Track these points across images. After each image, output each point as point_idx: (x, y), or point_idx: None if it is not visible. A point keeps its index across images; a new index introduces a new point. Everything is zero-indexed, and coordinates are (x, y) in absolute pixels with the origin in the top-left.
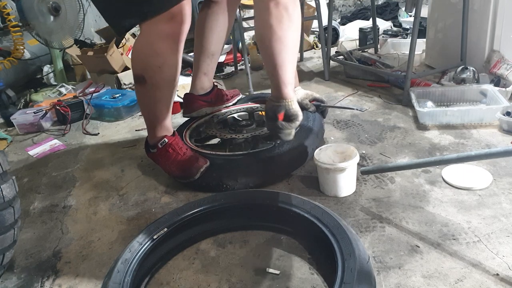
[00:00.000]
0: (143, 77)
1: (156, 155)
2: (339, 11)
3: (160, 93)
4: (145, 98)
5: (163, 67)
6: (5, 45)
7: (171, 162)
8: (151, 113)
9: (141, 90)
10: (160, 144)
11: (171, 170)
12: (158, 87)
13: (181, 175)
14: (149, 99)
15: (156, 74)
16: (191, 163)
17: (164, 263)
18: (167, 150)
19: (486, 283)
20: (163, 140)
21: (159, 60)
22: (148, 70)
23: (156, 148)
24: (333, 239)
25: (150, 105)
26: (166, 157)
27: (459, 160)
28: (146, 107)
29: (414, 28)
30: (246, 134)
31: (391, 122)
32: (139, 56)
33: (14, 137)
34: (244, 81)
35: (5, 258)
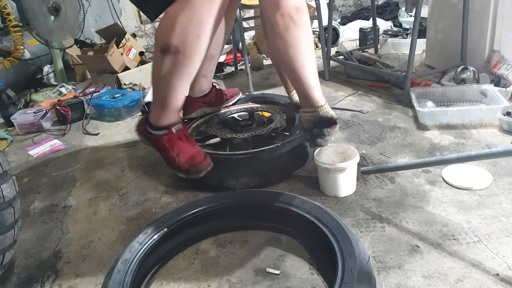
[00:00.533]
0: (175, 47)
1: (164, 139)
2: (339, 11)
3: (190, 66)
4: (171, 71)
5: (202, 37)
6: (5, 45)
7: (182, 152)
8: (171, 89)
9: (169, 62)
10: (174, 129)
11: (179, 160)
12: (190, 59)
13: (187, 168)
14: (176, 73)
15: (193, 45)
16: (201, 159)
17: (164, 263)
18: (180, 138)
19: (486, 283)
20: (179, 125)
21: (200, 28)
22: (186, 40)
23: (168, 131)
24: (333, 239)
25: (173, 80)
26: (176, 144)
27: (459, 160)
28: (168, 82)
29: (414, 28)
30: (247, 134)
31: (391, 122)
32: (176, 23)
33: (14, 137)
34: (244, 81)
35: (5, 258)
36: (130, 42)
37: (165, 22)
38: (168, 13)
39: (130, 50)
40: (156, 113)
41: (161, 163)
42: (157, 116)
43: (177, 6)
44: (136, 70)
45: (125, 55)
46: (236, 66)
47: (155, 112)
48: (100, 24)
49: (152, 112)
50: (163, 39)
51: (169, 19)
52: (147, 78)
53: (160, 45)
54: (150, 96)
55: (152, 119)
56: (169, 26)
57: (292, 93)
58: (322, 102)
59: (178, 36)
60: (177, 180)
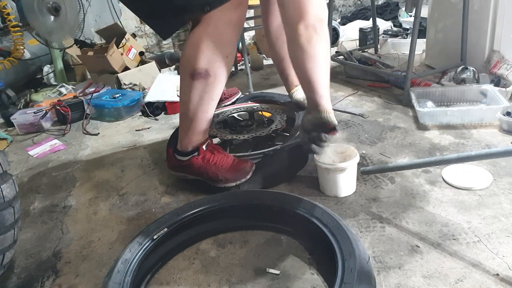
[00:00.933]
0: (206, 70)
1: (197, 160)
2: (339, 11)
3: (220, 88)
4: (202, 95)
5: (230, 57)
6: (5, 45)
7: (220, 164)
8: (202, 112)
9: (200, 86)
10: (204, 147)
11: (220, 171)
12: (220, 80)
13: (233, 176)
14: (208, 95)
15: (222, 66)
16: (242, 164)
17: (164, 263)
18: (213, 152)
19: (486, 283)
20: (208, 142)
21: (227, 49)
22: (215, 62)
23: (199, 152)
24: (333, 239)
25: (204, 104)
26: (212, 159)
27: (459, 160)
28: (199, 107)
29: (414, 28)
30: (247, 135)
31: (391, 122)
32: (204, 48)
33: (14, 137)
34: (244, 81)
35: (5, 258)
36: (130, 42)
37: (192, 47)
38: (193, 38)
39: (130, 50)
40: (185, 139)
41: (161, 163)
42: (187, 141)
43: (202, 30)
44: (136, 70)
45: (125, 55)
46: (236, 66)
47: (185, 139)
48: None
49: (182, 140)
50: (192, 64)
51: (195, 44)
52: (147, 78)
53: (189, 70)
54: (150, 96)
55: (181, 147)
56: (196, 50)
57: (292, 91)
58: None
59: (207, 59)
60: (177, 180)
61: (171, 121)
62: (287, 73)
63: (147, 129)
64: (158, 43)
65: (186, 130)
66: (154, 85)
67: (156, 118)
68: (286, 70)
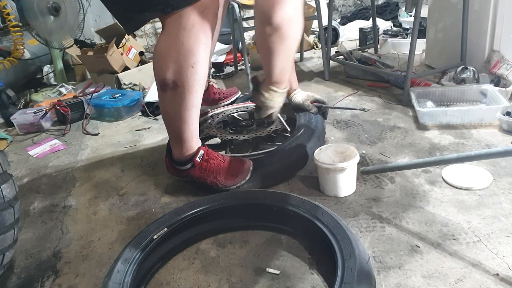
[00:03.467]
0: (173, 82)
1: (194, 171)
2: (339, 11)
3: (193, 97)
4: (175, 106)
5: (196, 66)
6: (5, 45)
7: (217, 172)
8: (182, 123)
9: (171, 98)
10: (198, 158)
11: (218, 180)
12: (191, 91)
13: (232, 181)
14: (181, 107)
15: (189, 76)
16: (239, 166)
17: (164, 263)
18: (208, 161)
19: (486, 283)
20: (200, 153)
21: (192, 58)
22: (181, 72)
23: (193, 163)
24: (333, 239)
25: (181, 114)
26: (208, 168)
27: (459, 160)
28: (177, 117)
29: (414, 28)
30: (247, 135)
31: (391, 122)
32: (168, 57)
33: (14, 137)
34: (244, 81)
35: (5, 258)
36: (130, 42)
37: (157, 58)
38: (157, 49)
39: (130, 50)
40: (176, 149)
41: (161, 163)
42: (178, 151)
43: (164, 40)
44: (136, 70)
45: (125, 55)
46: (236, 66)
47: (175, 149)
48: (100, 24)
49: (174, 151)
50: (160, 75)
51: (160, 54)
52: (147, 78)
53: (159, 81)
54: (150, 96)
55: (175, 156)
56: (161, 61)
57: (291, 96)
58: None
59: (172, 70)
60: (177, 180)
61: None
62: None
63: (147, 129)
64: None
65: (174, 141)
66: (154, 85)
67: (156, 118)
68: None
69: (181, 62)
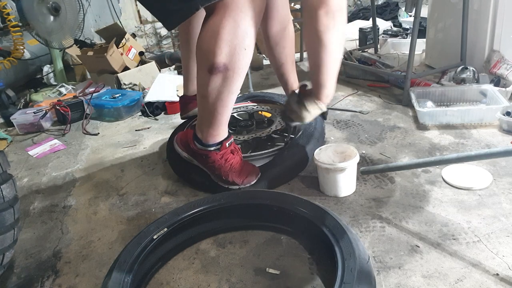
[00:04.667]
0: (224, 65)
1: (217, 154)
2: None
3: (240, 81)
4: (220, 89)
5: (248, 49)
6: (5, 45)
7: (234, 166)
8: (222, 107)
9: (219, 81)
10: (228, 144)
11: (231, 175)
12: (240, 74)
13: (240, 181)
14: (227, 90)
15: (241, 59)
16: (250, 168)
17: (164, 263)
18: (233, 151)
19: (486, 283)
20: (231, 140)
21: (246, 41)
22: (234, 55)
23: (221, 147)
24: (333, 239)
25: (223, 98)
26: (230, 159)
27: (459, 160)
28: (218, 99)
29: (414, 28)
30: (247, 136)
31: (391, 122)
32: (221, 40)
33: (14, 137)
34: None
35: (5, 258)
36: (130, 42)
37: (208, 39)
38: (209, 30)
39: (130, 50)
40: (206, 131)
41: (161, 163)
42: (207, 134)
43: (218, 20)
44: (136, 70)
45: (125, 55)
46: None
47: (206, 131)
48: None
49: (202, 131)
50: (209, 59)
51: (212, 36)
52: (147, 78)
53: (207, 65)
54: (150, 96)
55: (202, 137)
56: (212, 43)
57: None
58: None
59: (225, 52)
60: (177, 180)
61: (171, 121)
62: (286, 77)
63: (147, 129)
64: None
65: (206, 124)
66: (154, 85)
67: (156, 118)
68: (286, 75)
69: (235, 44)
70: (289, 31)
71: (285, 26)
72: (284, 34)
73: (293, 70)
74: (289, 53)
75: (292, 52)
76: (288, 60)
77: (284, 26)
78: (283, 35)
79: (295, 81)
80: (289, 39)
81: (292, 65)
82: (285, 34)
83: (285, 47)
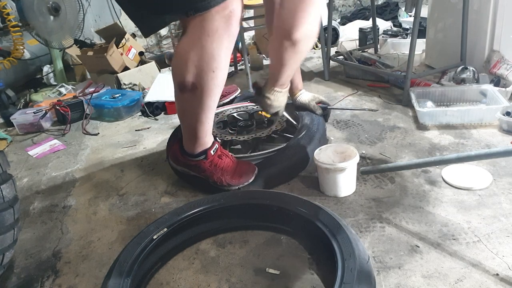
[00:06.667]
0: (193, 84)
1: (205, 163)
2: (339, 11)
3: (211, 100)
4: (193, 106)
5: (217, 71)
6: (5, 45)
7: (225, 170)
8: (197, 122)
9: (189, 99)
10: (212, 151)
11: (224, 178)
12: (209, 94)
13: (236, 181)
14: (198, 108)
15: (209, 80)
16: (246, 167)
17: (164, 263)
18: (220, 158)
19: (486, 283)
20: (215, 147)
21: (214, 63)
22: (202, 76)
23: (207, 155)
24: (333, 239)
25: (197, 114)
26: (219, 164)
27: (459, 160)
28: (193, 116)
29: (414, 28)
30: (247, 136)
31: (391, 122)
32: (189, 61)
33: (14, 137)
34: (244, 81)
35: (5, 258)
36: (129, 42)
37: (177, 59)
38: (178, 48)
39: (129, 50)
40: (189, 143)
41: (161, 163)
42: (191, 146)
43: (186, 42)
44: (135, 70)
45: (124, 55)
46: (236, 66)
47: (189, 143)
48: (99, 24)
49: (186, 143)
50: (180, 77)
51: (181, 57)
52: (146, 78)
53: (177, 82)
54: (150, 96)
55: (188, 149)
56: (181, 63)
57: (297, 95)
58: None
59: (192, 73)
60: (177, 180)
61: (171, 121)
62: (292, 78)
63: (147, 129)
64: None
65: (188, 137)
66: (154, 85)
67: (156, 118)
68: None
69: (202, 66)
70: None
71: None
72: None
73: (298, 71)
74: None
75: None
76: None
77: None
78: None
79: (299, 82)
80: None
81: None
82: None
83: None
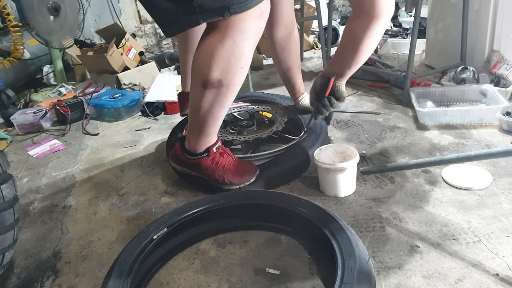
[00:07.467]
0: (219, 81)
1: (207, 160)
2: (339, 11)
3: (232, 97)
4: (213, 103)
5: (245, 68)
6: (5, 45)
7: (227, 168)
8: (212, 119)
9: (212, 95)
10: (215, 149)
11: (226, 176)
12: (233, 90)
13: (238, 180)
14: (219, 104)
15: (237, 77)
16: (247, 167)
17: (164, 263)
18: (222, 155)
19: (486, 283)
20: (218, 144)
21: (243, 60)
22: (230, 73)
23: (209, 153)
24: (333, 239)
25: (214, 111)
26: (220, 162)
27: (459, 160)
28: (209, 112)
29: (414, 28)
30: (247, 136)
31: (391, 122)
32: (218, 58)
33: (14, 137)
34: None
35: (5, 258)
36: (129, 42)
37: (205, 55)
38: (207, 46)
39: (130, 50)
40: (194, 140)
41: (161, 163)
42: (195, 143)
43: (216, 38)
44: (135, 70)
45: (124, 55)
46: None
47: (194, 140)
48: (99, 24)
49: (191, 141)
50: (204, 73)
51: (209, 52)
52: (146, 78)
53: (201, 79)
54: (150, 96)
55: (190, 147)
56: (210, 59)
57: (299, 98)
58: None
59: (221, 69)
60: (177, 180)
61: (171, 121)
62: (294, 81)
63: (147, 129)
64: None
65: (195, 133)
66: (154, 85)
67: (156, 118)
68: (293, 78)
69: (232, 63)
70: (294, 35)
71: (291, 31)
72: (290, 38)
73: (300, 73)
74: (295, 57)
75: (298, 56)
76: (294, 64)
77: (290, 31)
78: (289, 39)
79: (301, 85)
80: (294, 43)
81: (298, 68)
82: (290, 38)
83: (291, 51)
